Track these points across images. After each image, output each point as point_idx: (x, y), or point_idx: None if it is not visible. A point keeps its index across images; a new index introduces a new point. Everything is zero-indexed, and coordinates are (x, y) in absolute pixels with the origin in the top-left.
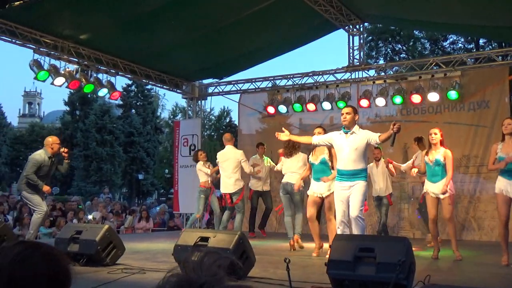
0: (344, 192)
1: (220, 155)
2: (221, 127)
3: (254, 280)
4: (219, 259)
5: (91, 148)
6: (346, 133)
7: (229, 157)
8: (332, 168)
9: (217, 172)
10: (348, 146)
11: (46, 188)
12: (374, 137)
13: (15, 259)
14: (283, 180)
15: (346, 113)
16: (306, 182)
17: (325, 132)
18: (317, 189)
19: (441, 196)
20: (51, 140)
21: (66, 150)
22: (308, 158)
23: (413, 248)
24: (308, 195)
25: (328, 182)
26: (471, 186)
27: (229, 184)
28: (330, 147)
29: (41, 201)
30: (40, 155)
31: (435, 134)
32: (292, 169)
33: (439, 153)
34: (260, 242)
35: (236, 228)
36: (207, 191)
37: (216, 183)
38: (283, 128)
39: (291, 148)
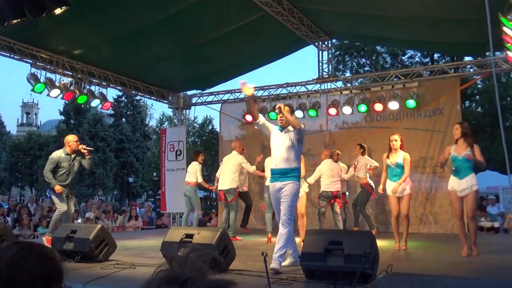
0: (277, 194)
1: (225, 157)
2: (204, 134)
3: (235, 272)
4: (202, 255)
5: None
6: (281, 130)
7: (231, 159)
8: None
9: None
10: (282, 144)
11: (57, 188)
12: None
13: (11, 260)
14: (267, 183)
15: (279, 111)
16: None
17: None
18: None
19: (401, 195)
20: (68, 139)
21: (83, 146)
22: None
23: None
24: None
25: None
26: (428, 184)
27: (225, 181)
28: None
29: (60, 201)
30: (56, 153)
31: (396, 140)
32: None
33: (399, 156)
34: (240, 237)
35: (231, 225)
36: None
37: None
38: (247, 83)
39: None
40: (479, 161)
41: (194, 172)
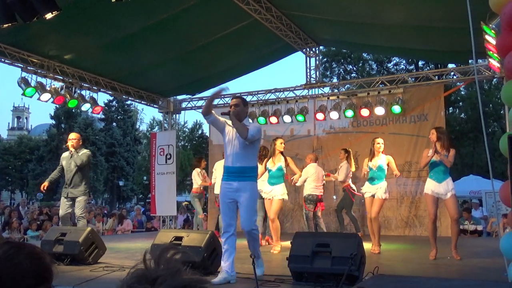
0: (232, 195)
1: (217, 163)
2: (194, 138)
3: None
4: (176, 253)
5: None
6: None
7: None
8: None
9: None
10: (237, 140)
11: (42, 184)
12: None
13: (1, 258)
14: (216, 191)
15: (234, 105)
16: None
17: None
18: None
19: (376, 197)
20: (68, 137)
21: (66, 145)
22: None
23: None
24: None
25: (277, 188)
26: (413, 188)
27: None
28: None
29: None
30: (64, 152)
31: (378, 143)
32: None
33: (382, 159)
34: None
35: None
36: (200, 195)
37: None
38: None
39: (263, 157)
40: (445, 160)
41: (193, 179)
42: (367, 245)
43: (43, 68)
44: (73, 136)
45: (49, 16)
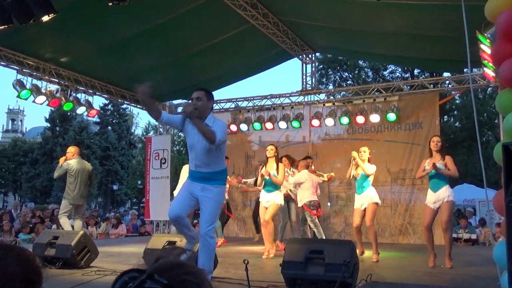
0: (196, 187)
1: (186, 167)
2: None
3: (217, 280)
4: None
5: None
6: None
7: None
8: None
9: None
10: (200, 142)
11: None
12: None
13: None
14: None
15: (196, 99)
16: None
17: (276, 149)
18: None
19: (365, 206)
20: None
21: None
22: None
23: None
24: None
25: (273, 192)
26: (407, 196)
27: None
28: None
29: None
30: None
31: (365, 152)
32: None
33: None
34: (223, 246)
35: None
36: None
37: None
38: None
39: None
40: (447, 173)
41: None
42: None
43: (38, 71)
44: (69, 149)
45: (45, 18)
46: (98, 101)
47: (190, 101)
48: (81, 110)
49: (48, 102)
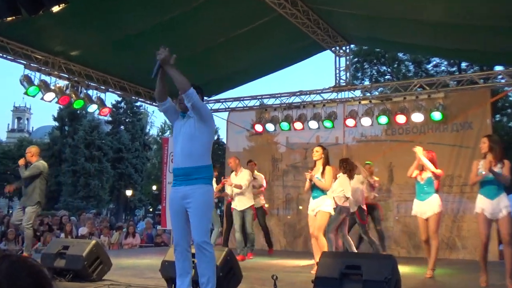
0: (179, 203)
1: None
2: None
3: None
4: None
5: (79, 163)
6: (184, 116)
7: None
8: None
9: None
10: (183, 134)
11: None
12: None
13: (2, 274)
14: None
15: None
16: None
17: (324, 150)
18: (311, 206)
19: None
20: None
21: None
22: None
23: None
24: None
25: (318, 198)
26: (455, 205)
27: None
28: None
29: None
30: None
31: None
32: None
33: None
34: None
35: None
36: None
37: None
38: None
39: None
40: (503, 178)
41: None
42: (402, 268)
43: (47, 65)
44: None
45: (56, 9)
46: (110, 98)
47: (166, 48)
48: (92, 108)
49: (57, 99)
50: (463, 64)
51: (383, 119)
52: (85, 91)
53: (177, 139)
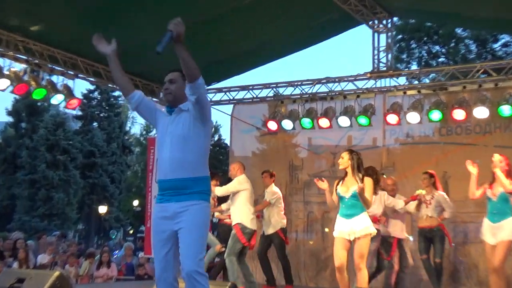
0: (167, 224)
1: None
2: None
3: None
4: None
5: (39, 171)
6: (171, 112)
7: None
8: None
9: None
10: (172, 134)
11: None
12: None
13: None
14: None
15: (170, 81)
16: None
17: (353, 155)
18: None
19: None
20: None
21: None
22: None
23: None
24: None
25: (358, 220)
26: None
27: None
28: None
29: None
30: None
31: (501, 162)
32: None
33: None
34: None
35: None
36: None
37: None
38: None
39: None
40: None
41: None
42: None
43: (0, 44)
44: None
45: None
46: (81, 87)
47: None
48: (57, 99)
49: (12, 88)
50: None
51: (436, 115)
52: (48, 77)
53: (162, 142)
